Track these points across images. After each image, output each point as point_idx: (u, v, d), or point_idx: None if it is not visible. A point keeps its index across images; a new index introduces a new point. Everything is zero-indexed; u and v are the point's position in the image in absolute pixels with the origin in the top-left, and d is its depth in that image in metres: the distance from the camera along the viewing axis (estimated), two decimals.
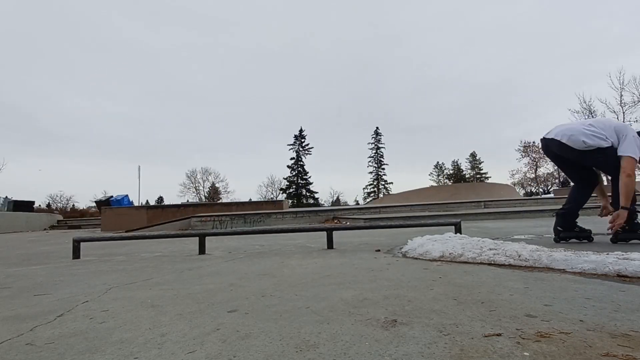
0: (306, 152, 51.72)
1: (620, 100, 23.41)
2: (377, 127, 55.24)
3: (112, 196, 15.62)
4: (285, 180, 51.37)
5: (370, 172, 55.34)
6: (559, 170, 3.74)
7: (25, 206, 16.40)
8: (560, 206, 3.53)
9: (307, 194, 50.50)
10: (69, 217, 21.78)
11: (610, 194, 3.27)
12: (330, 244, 3.66)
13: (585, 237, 3.28)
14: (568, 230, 3.33)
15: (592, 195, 3.61)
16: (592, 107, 25.02)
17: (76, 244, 3.67)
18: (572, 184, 3.70)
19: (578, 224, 3.38)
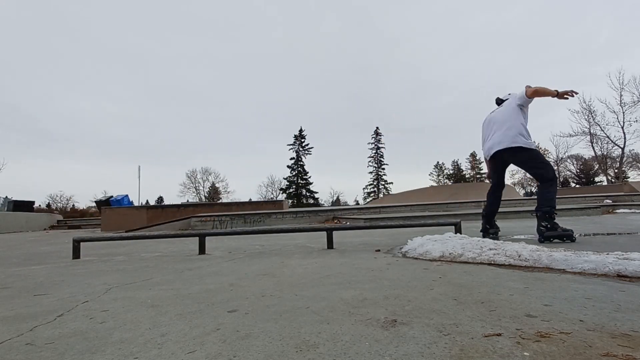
0: (306, 152, 51.67)
1: (620, 100, 23.40)
2: (377, 127, 55.19)
3: (112, 196, 15.58)
4: (285, 180, 51.32)
5: (370, 172, 55.30)
6: (495, 173, 3.88)
7: (25, 206, 16.38)
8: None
9: (307, 194, 50.44)
10: (69, 217, 21.78)
11: (610, 193, 3.41)
12: (330, 244, 3.66)
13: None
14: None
15: (592, 195, 3.74)
16: (592, 107, 25.00)
17: (76, 244, 3.67)
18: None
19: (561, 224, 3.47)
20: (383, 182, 54.00)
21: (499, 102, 3.81)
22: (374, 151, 55.04)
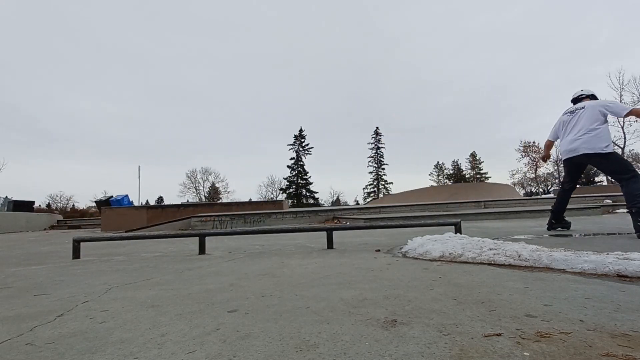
0: (306, 152, 51.64)
1: (620, 100, 23.40)
2: (377, 127, 55.15)
3: (112, 196, 15.58)
4: (285, 180, 51.30)
5: (370, 172, 55.27)
6: (569, 173, 4.28)
7: (25, 206, 16.38)
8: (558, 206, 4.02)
9: (307, 194, 50.41)
10: (69, 217, 21.78)
11: (610, 193, 3.58)
12: (330, 244, 3.66)
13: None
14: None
15: (592, 195, 3.91)
16: None
17: (76, 244, 3.67)
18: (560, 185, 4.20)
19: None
20: (383, 182, 53.97)
21: (576, 101, 3.88)
22: (374, 151, 55.03)
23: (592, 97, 3.82)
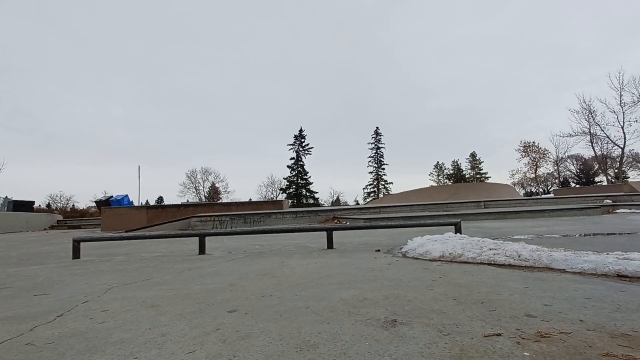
0: (306, 152, 51.66)
1: (620, 100, 23.41)
2: (377, 127, 55.14)
3: (112, 196, 15.58)
4: (285, 180, 51.30)
5: (370, 172, 55.26)
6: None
7: (25, 206, 16.40)
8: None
9: (307, 194, 50.42)
10: (69, 217, 21.76)
11: (610, 193, 3.46)
12: (330, 244, 3.66)
13: None
14: None
15: (592, 195, 3.78)
16: (592, 107, 25.02)
17: (76, 244, 3.67)
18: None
19: None
20: (383, 182, 53.99)
21: None
22: (374, 151, 55.04)
23: None
